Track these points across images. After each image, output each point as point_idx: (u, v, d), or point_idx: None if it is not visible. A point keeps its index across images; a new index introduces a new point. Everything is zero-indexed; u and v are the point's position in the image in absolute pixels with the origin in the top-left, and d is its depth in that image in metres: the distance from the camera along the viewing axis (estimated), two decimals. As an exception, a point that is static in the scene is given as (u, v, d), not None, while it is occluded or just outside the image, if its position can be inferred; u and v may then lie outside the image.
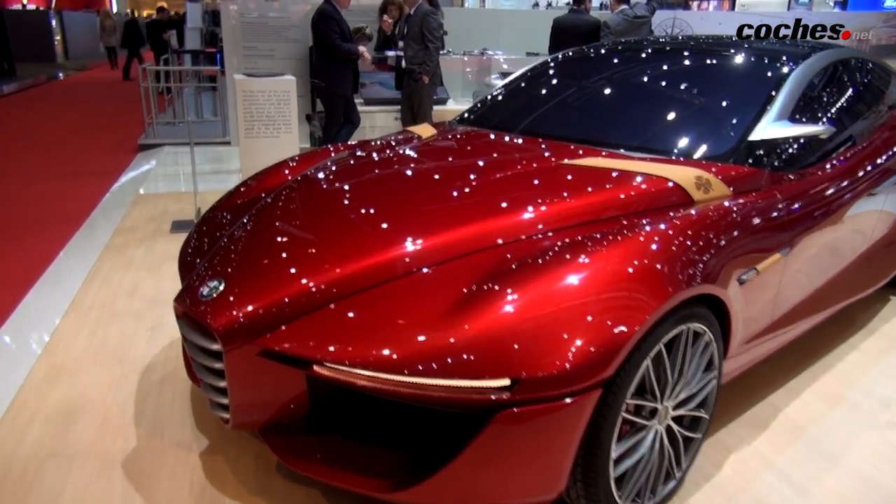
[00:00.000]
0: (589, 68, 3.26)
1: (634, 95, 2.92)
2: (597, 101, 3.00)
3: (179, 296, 2.09)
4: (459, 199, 2.27)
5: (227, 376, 1.92)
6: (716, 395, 2.18)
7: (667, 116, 2.73)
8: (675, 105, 2.76)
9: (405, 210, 2.23)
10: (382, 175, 2.60)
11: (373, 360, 1.71)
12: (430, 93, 6.43)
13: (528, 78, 3.40)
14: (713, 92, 2.76)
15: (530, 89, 3.30)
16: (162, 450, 2.34)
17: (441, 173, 2.54)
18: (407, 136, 3.07)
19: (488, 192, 2.28)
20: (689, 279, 1.88)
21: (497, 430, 1.65)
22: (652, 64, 3.10)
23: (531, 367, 1.62)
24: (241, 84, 4.77)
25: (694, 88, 2.82)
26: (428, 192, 2.36)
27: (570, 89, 3.14)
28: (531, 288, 1.76)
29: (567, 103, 3.05)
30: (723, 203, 2.23)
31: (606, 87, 3.06)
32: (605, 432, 1.75)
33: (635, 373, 1.77)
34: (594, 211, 2.12)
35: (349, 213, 2.27)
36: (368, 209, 2.28)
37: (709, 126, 2.61)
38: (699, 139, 2.55)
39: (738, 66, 2.90)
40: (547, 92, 3.23)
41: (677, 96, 2.79)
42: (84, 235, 4.74)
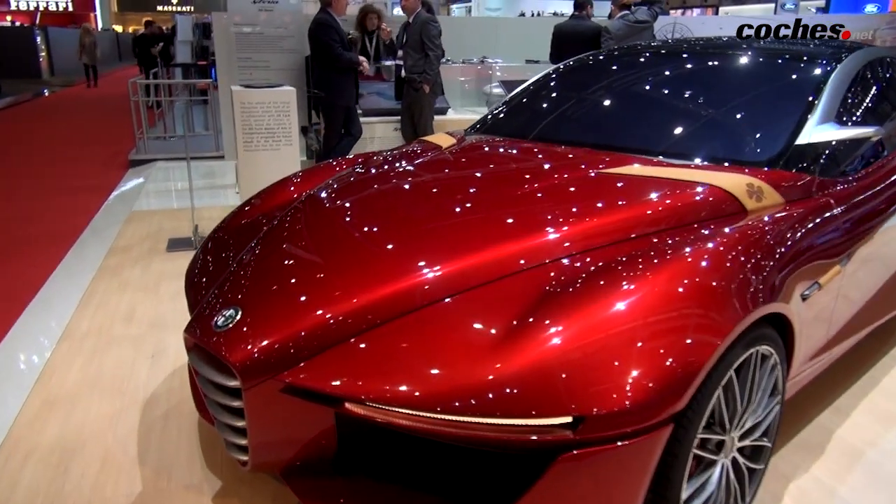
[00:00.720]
0: (617, 71, 3.09)
1: (669, 99, 2.75)
2: (628, 105, 2.83)
3: (190, 326, 1.89)
4: (491, 216, 2.06)
5: (246, 415, 1.72)
6: (779, 420, 2.00)
7: (705, 121, 2.57)
8: (712, 109, 2.59)
9: (433, 232, 2.03)
10: (403, 192, 2.40)
11: (412, 396, 1.52)
12: (431, 102, 6.27)
13: (548, 83, 3.23)
14: (752, 94, 2.60)
15: (552, 94, 3.13)
16: (170, 494, 2.13)
17: (465, 187, 2.34)
18: (424, 146, 2.89)
19: (521, 208, 2.09)
20: (758, 297, 1.71)
21: (558, 474, 1.46)
22: (684, 66, 2.93)
23: (596, 403, 1.43)
24: (238, 95, 4.58)
25: (730, 91, 2.66)
26: (452, 210, 2.15)
27: (596, 93, 2.97)
28: (588, 313, 1.57)
29: (596, 109, 2.88)
30: (779, 212, 2.06)
31: (638, 90, 2.89)
32: (676, 471, 1.56)
33: (707, 403, 1.59)
34: (643, 224, 1.94)
35: (370, 237, 2.06)
36: (392, 231, 2.07)
37: (752, 130, 2.45)
38: (743, 144, 2.39)
39: (774, 68, 2.75)
40: (572, 97, 3.06)
41: (713, 100, 2.63)
42: (76, 256, 4.52)
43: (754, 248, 1.84)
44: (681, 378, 1.49)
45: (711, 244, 1.80)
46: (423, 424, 1.52)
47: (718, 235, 1.85)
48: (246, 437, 1.77)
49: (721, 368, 1.61)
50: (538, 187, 2.20)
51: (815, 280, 2.00)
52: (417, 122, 6.26)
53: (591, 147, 2.53)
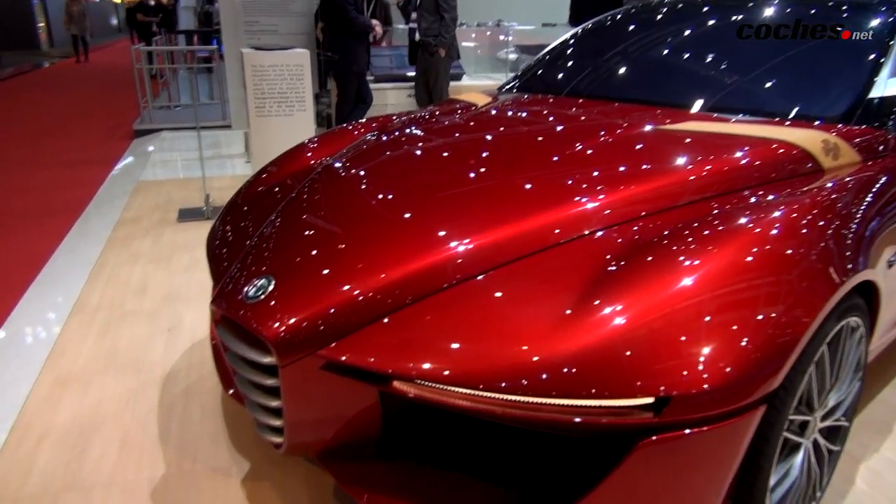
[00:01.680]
0: (666, 22, 2.85)
1: (726, 50, 2.52)
2: (682, 57, 2.61)
3: (217, 297, 1.72)
4: (536, 178, 1.87)
5: (282, 395, 1.55)
6: (858, 397, 1.84)
7: (767, 73, 2.36)
8: (775, 60, 2.38)
9: (463, 200, 1.83)
10: (438, 155, 2.20)
11: (471, 375, 1.35)
12: (447, 67, 6.04)
13: (589, 36, 3.00)
14: (820, 44, 2.38)
15: (594, 48, 2.91)
16: (196, 476, 1.98)
17: (511, 149, 2.14)
18: (458, 105, 2.69)
19: (573, 170, 1.89)
20: (851, 265, 1.53)
21: (638, 461, 1.30)
22: (742, 15, 2.71)
23: (682, 382, 1.26)
24: (249, 58, 4.36)
25: (796, 40, 2.44)
26: (487, 177, 1.94)
27: (646, 46, 2.73)
28: (661, 285, 1.39)
29: (644, 62, 2.66)
30: (858, 171, 1.87)
31: (691, 41, 2.66)
32: (766, 457, 1.40)
33: (801, 381, 1.42)
34: (713, 185, 1.75)
35: (399, 207, 1.86)
36: (420, 200, 1.86)
37: (821, 82, 2.24)
38: (812, 97, 2.19)
39: (842, 14, 2.52)
40: (616, 50, 2.82)
41: (776, 50, 2.40)
42: (83, 228, 4.35)
43: (838, 211, 1.65)
44: (776, 354, 1.32)
45: (792, 207, 1.61)
46: (484, 405, 1.36)
47: (799, 197, 1.67)
48: (280, 417, 1.61)
49: (815, 343, 1.44)
50: (588, 147, 2.01)
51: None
52: (433, 88, 6.04)
53: (641, 104, 2.34)
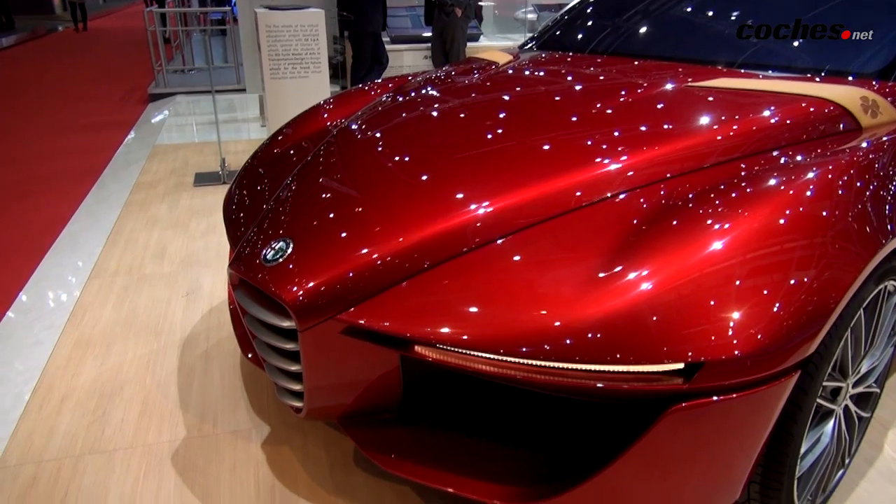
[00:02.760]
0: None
1: (753, 1, 2.42)
2: (709, 11, 2.51)
3: (235, 261, 1.69)
4: (563, 139, 1.80)
5: (302, 359, 1.53)
6: (891, 364, 1.79)
7: (802, 26, 2.25)
8: (809, 12, 2.28)
9: (483, 162, 1.77)
10: (461, 115, 2.14)
11: (498, 340, 1.31)
12: (464, 28, 5.91)
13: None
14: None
15: (616, 4, 2.80)
16: (216, 440, 1.99)
17: (534, 109, 2.07)
18: (477, 63, 2.61)
19: (599, 130, 1.83)
20: (890, 226, 1.47)
21: (667, 427, 1.26)
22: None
23: (713, 348, 1.22)
24: (264, 18, 4.28)
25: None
26: (508, 138, 1.88)
27: (668, 0, 2.64)
28: (692, 250, 1.33)
29: (670, 17, 2.56)
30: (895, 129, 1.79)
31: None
32: (798, 424, 1.36)
33: (836, 347, 1.38)
34: (746, 144, 1.68)
35: (418, 169, 1.81)
36: (440, 163, 1.81)
37: (857, 36, 2.14)
38: (848, 53, 2.09)
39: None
40: (638, 5, 2.71)
41: (813, 3, 2.30)
42: (100, 192, 4.34)
43: (876, 171, 1.58)
44: (812, 319, 1.27)
45: (834, 166, 1.54)
46: (508, 370, 1.33)
47: (836, 157, 1.60)
48: (300, 382, 1.59)
49: (852, 307, 1.39)
50: (611, 106, 1.94)
51: (940, 207, 1.75)
52: (449, 50, 5.92)
53: (669, 61, 2.25)
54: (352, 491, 1.79)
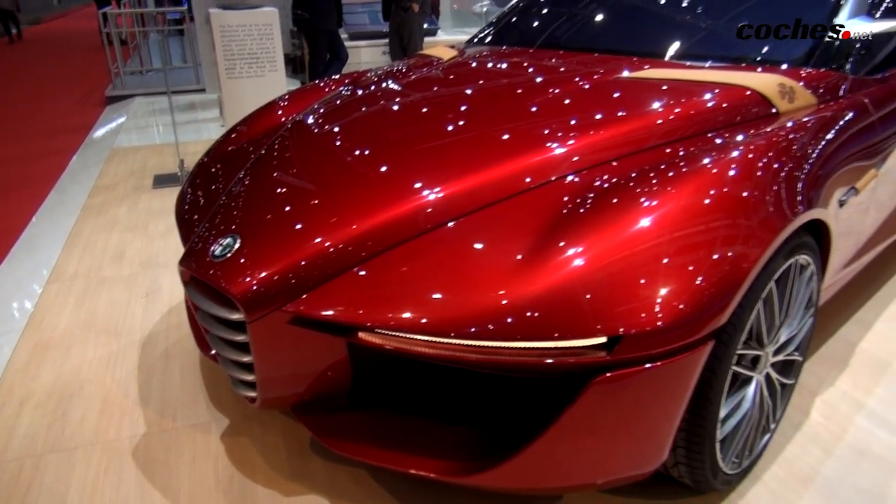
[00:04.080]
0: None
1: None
2: (640, 5, 2.62)
3: (185, 258, 1.75)
4: (498, 131, 1.89)
5: (252, 350, 1.60)
6: (811, 333, 1.91)
7: (728, 18, 2.37)
8: (735, 6, 2.39)
9: (436, 151, 1.86)
10: (402, 111, 2.22)
11: (432, 323, 1.40)
12: (421, 23, 5.97)
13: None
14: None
15: (554, 1, 2.91)
16: (176, 434, 2.04)
17: (468, 102, 2.17)
18: (422, 60, 2.69)
19: (532, 121, 1.92)
20: (799, 204, 1.58)
21: (593, 397, 1.36)
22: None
23: (633, 322, 1.32)
24: (217, 18, 4.29)
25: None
26: (454, 127, 1.98)
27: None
28: (615, 229, 1.44)
29: (605, 11, 2.67)
30: (812, 113, 1.91)
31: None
32: (716, 390, 1.47)
33: (748, 317, 1.48)
34: (669, 131, 1.79)
35: (366, 159, 1.89)
36: (390, 152, 1.90)
37: (778, 26, 2.26)
38: (770, 42, 2.20)
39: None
40: (576, 1, 2.83)
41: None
42: (58, 197, 4.33)
43: (790, 153, 1.69)
44: (723, 291, 1.37)
45: (746, 150, 1.65)
46: (444, 351, 1.41)
47: (753, 140, 1.71)
48: (253, 372, 1.66)
49: (763, 280, 1.49)
50: (549, 97, 2.04)
51: (852, 185, 1.88)
52: (407, 45, 5.98)
53: (604, 53, 2.35)
54: (309, 476, 1.86)
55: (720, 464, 1.61)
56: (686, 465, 1.57)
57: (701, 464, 1.55)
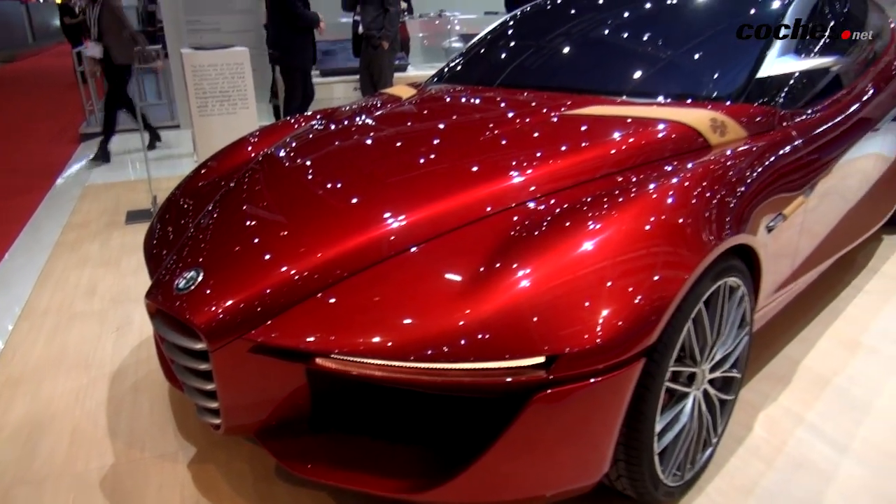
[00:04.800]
0: (573, 13, 3.02)
1: (627, 37, 2.70)
2: (586, 46, 2.79)
3: (151, 291, 1.83)
4: (447, 165, 2.02)
5: (215, 378, 1.68)
6: (747, 352, 2.03)
7: (665, 57, 2.53)
8: (673, 45, 2.56)
9: (387, 182, 1.98)
10: (364, 146, 2.34)
11: (383, 347, 1.49)
12: (391, 59, 6.13)
13: (505, 29, 3.16)
14: (713, 28, 2.57)
15: (510, 41, 3.07)
16: (144, 464, 2.09)
17: (422, 137, 2.29)
18: (383, 98, 2.82)
19: (484, 155, 2.05)
20: (724, 230, 1.71)
21: (534, 413, 1.45)
22: (643, 5, 2.88)
23: (568, 341, 1.43)
24: (189, 58, 4.41)
25: (691, 26, 2.62)
26: (411, 160, 2.10)
27: (556, 37, 2.90)
28: (555, 255, 1.56)
29: (555, 52, 2.83)
30: (742, 145, 2.06)
31: (595, 30, 2.83)
32: (650, 405, 1.57)
33: (678, 337, 1.59)
34: (607, 164, 1.92)
35: (328, 191, 2.00)
36: (347, 184, 2.02)
37: (713, 64, 2.42)
38: (704, 79, 2.37)
39: (735, 1, 2.71)
40: (529, 42, 2.99)
41: (674, 35, 2.59)
42: (31, 234, 4.37)
43: (719, 182, 1.83)
44: (651, 313, 1.49)
45: (676, 180, 1.78)
46: (396, 374, 1.50)
47: (683, 171, 1.84)
48: (216, 400, 1.73)
49: (690, 301, 1.61)
50: (500, 133, 2.17)
51: (780, 212, 2.01)
52: (377, 81, 6.13)
53: (553, 90, 2.50)
54: (273, 500, 1.92)
55: (661, 476, 1.71)
56: (627, 477, 1.66)
57: (641, 476, 1.65)
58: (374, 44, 6.00)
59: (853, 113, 2.61)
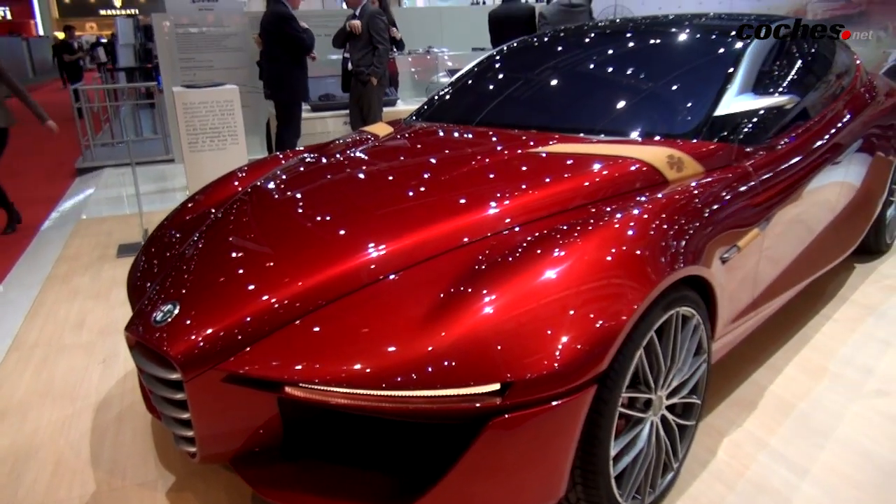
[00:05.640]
0: (542, 55, 3.16)
1: (592, 79, 2.84)
2: (554, 87, 2.92)
3: (131, 324, 1.91)
4: (422, 198, 2.13)
5: (190, 407, 1.75)
6: (706, 378, 2.11)
7: (629, 97, 2.66)
8: (635, 85, 2.69)
9: (366, 214, 2.09)
10: (340, 179, 2.45)
11: (349, 375, 1.57)
12: (380, 95, 6.29)
13: (480, 70, 3.30)
14: (673, 70, 2.70)
15: (483, 81, 3.20)
16: (125, 492, 2.15)
17: (400, 173, 2.41)
18: (363, 136, 2.93)
19: (452, 189, 2.15)
20: (674, 262, 1.80)
21: (490, 438, 1.53)
22: (606, 46, 3.02)
23: (522, 369, 1.51)
24: (180, 96, 4.55)
25: (653, 68, 2.75)
26: (388, 194, 2.22)
27: (526, 77, 3.04)
28: (511, 285, 1.65)
29: (524, 92, 2.96)
30: (698, 181, 2.16)
31: (562, 72, 2.97)
32: (603, 430, 1.65)
33: (629, 364, 1.67)
34: (567, 199, 2.02)
35: (307, 222, 2.12)
36: (327, 216, 2.13)
37: (673, 104, 2.55)
38: (664, 118, 2.49)
39: (695, 43, 2.85)
40: (501, 82, 3.13)
41: (637, 77, 2.72)
42: (23, 268, 4.45)
43: (672, 216, 1.93)
44: (601, 341, 1.57)
45: (630, 214, 1.88)
46: (361, 402, 1.58)
47: (638, 205, 1.94)
48: (192, 429, 1.80)
49: (641, 330, 1.69)
50: (469, 170, 2.27)
51: (734, 244, 2.11)
52: (367, 116, 6.27)
53: (522, 128, 2.61)
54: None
55: (619, 499, 1.77)
56: (585, 500, 1.73)
57: (599, 499, 1.72)
58: (363, 80, 6.15)
59: (812, 147, 2.72)
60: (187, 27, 6.23)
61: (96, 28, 33.77)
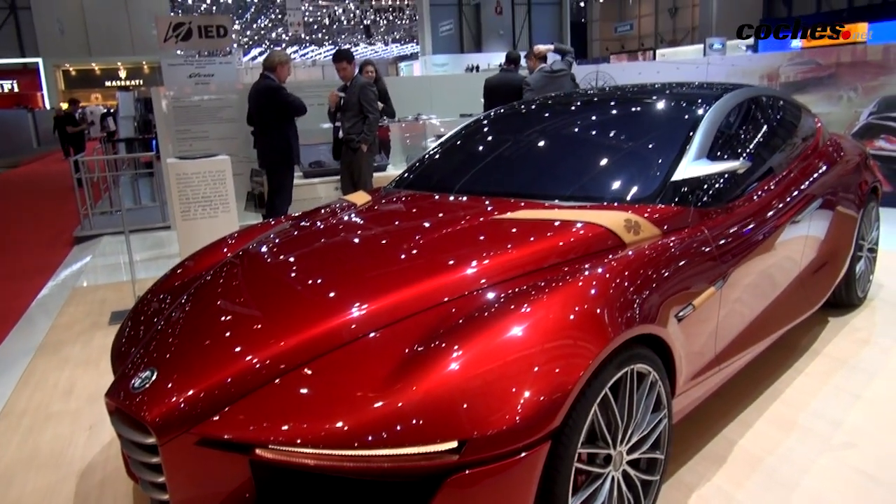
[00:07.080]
0: (515, 124, 3.35)
1: (560, 147, 3.01)
2: (525, 154, 3.08)
3: (111, 390, 1.99)
4: (393, 262, 2.26)
5: (164, 471, 1.82)
6: (669, 434, 2.17)
7: (591, 164, 2.81)
8: (598, 153, 2.85)
9: (342, 278, 2.21)
10: (316, 245, 2.58)
11: (316, 436, 1.65)
12: (370, 161, 6.49)
13: (457, 138, 3.48)
14: (634, 137, 2.87)
15: (460, 149, 3.37)
16: (103, 558, 2.18)
17: (375, 238, 2.54)
18: (342, 204, 3.08)
19: (423, 254, 2.28)
20: (627, 321, 1.90)
21: (448, 495, 1.60)
22: (574, 115, 3.20)
23: (477, 426, 1.59)
24: (174, 167, 4.73)
25: (615, 136, 2.92)
26: (364, 258, 2.36)
27: (499, 146, 3.21)
28: (470, 345, 1.75)
29: (496, 159, 3.12)
30: (653, 243, 2.28)
31: (533, 140, 3.14)
32: (560, 485, 1.71)
33: (583, 421, 1.75)
34: (525, 263, 2.13)
35: (284, 286, 2.24)
36: (303, 280, 2.25)
37: (632, 170, 2.70)
38: (624, 183, 2.63)
39: (655, 112, 3.03)
40: (476, 150, 3.31)
41: (600, 144, 2.88)
42: (16, 337, 4.54)
43: (625, 278, 2.04)
44: (553, 398, 1.66)
45: (585, 276, 1.99)
46: (325, 462, 1.65)
47: (595, 267, 2.05)
48: (167, 492, 1.86)
49: (594, 387, 1.78)
50: (438, 236, 2.39)
51: (689, 302, 2.21)
52: (357, 182, 6.46)
53: (490, 196, 2.75)
54: (222, 590, 2.00)
55: (578, 554, 1.82)
56: (545, 556, 1.77)
57: (558, 554, 1.76)
58: (354, 147, 6.36)
59: (770, 207, 2.85)
60: (184, 100, 6.50)
61: (101, 98, 34.70)
